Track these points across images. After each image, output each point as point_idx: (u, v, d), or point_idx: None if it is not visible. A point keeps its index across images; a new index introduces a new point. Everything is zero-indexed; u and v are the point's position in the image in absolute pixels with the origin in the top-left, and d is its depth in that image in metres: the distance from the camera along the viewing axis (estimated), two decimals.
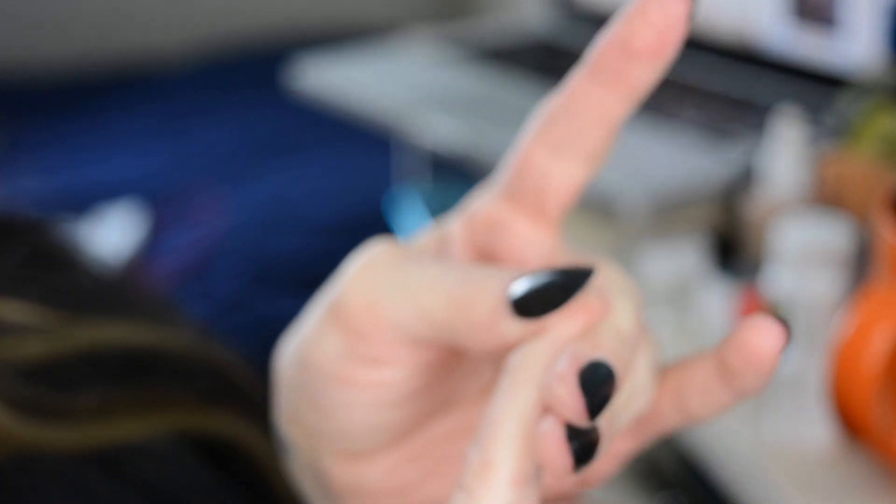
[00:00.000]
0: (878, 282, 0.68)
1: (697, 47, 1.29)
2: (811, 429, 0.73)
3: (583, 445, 0.26)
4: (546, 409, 0.27)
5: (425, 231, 0.33)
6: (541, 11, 1.55)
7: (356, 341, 0.30)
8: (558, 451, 0.26)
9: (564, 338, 0.28)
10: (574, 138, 0.31)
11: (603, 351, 0.27)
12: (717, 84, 1.23)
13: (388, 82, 1.28)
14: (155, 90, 2.03)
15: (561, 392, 0.26)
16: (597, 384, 0.26)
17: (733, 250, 0.95)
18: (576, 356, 0.26)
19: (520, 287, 0.28)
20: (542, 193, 0.30)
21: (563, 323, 0.28)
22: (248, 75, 2.05)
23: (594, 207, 0.99)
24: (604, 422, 0.27)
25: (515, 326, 0.28)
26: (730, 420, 0.79)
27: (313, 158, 1.70)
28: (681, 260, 0.94)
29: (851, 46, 1.11)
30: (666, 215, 0.98)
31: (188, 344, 0.46)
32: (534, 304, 0.28)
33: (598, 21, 1.40)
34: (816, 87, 1.14)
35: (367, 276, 0.30)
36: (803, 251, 0.73)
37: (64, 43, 2.17)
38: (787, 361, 0.74)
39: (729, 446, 0.77)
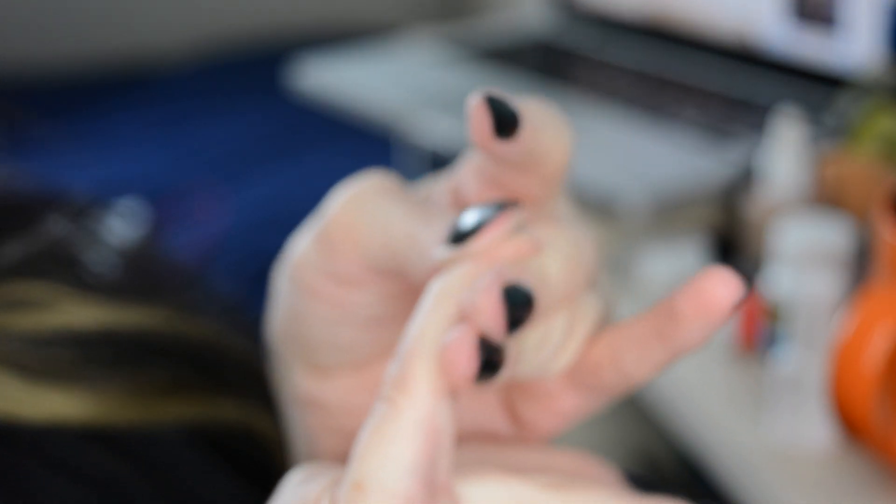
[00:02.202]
0: (878, 282, 0.68)
1: (697, 47, 1.29)
2: (811, 429, 0.73)
3: (487, 358, 0.27)
4: (461, 321, 0.27)
5: (427, 181, 0.34)
6: (541, 11, 1.55)
7: (332, 259, 0.31)
8: (465, 357, 0.26)
9: (488, 264, 0.29)
10: None
11: (526, 277, 0.28)
12: (717, 84, 1.23)
13: (388, 82, 1.28)
14: (155, 90, 2.03)
15: (481, 301, 0.27)
16: (514, 303, 0.27)
17: (733, 250, 0.95)
18: (500, 273, 0.27)
19: (459, 220, 0.29)
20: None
21: (490, 252, 0.29)
22: (249, 75, 2.05)
23: (594, 207, 0.99)
24: (511, 346, 0.27)
25: (447, 253, 0.29)
26: (730, 420, 0.79)
27: (313, 158, 1.70)
28: (681, 260, 0.94)
29: (851, 46, 1.11)
30: (666, 215, 0.98)
31: (203, 329, 0.46)
32: (466, 235, 0.29)
33: (598, 21, 1.40)
34: (816, 87, 1.14)
35: (355, 201, 0.31)
36: (803, 251, 0.73)
37: (64, 43, 2.17)
38: (788, 361, 0.74)
39: (729, 446, 0.77)
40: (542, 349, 0.30)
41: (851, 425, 0.68)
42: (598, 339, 0.31)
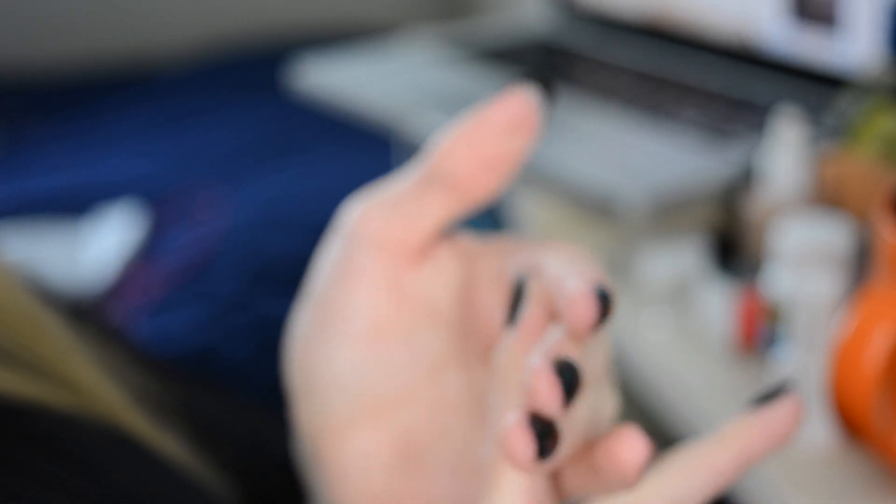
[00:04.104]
0: (878, 282, 0.68)
1: (697, 47, 1.29)
2: (811, 429, 0.73)
3: (543, 437, 0.28)
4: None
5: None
6: (541, 11, 1.55)
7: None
8: (523, 443, 0.28)
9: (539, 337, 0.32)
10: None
11: (573, 354, 0.30)
12: (717, 84, 1.23)
13: (388, 82, 1.28)
14: (155, 90, 2.03)
15: (536, 383, 0.29)
16: (564, 377, 0.29)
17: (733, 250, 0.95)
18: (548, 351, 0.29)
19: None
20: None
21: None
22: (249, 75, 2.05)
23: (594, 207, 0.99)
24: (565, 421, 0.29)
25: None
26: (730, 420, 0.78)
27: (313, 158, 1.70)
28: (681, 260, 0.94)
29: (851, 46, 1.11)
30: (666, 215, 0.98)
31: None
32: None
33: (598, 21, 1.40)
34: (816, 87, 1.14)
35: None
36: (803, 251, 0.73)
37: (64, 43, 2.17)
38: (788, 361, 0.74)
39: None
40: (591, 423, 0.32)
41: (851, 425, 0.68)
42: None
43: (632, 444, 0.30)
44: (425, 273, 0.35)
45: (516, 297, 0.33)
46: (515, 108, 0.33)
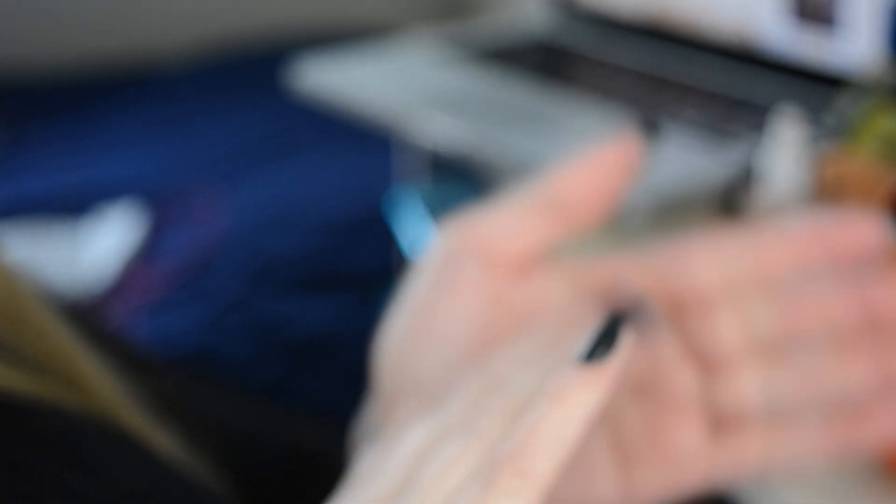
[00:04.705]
0: None
1: (697, 47, 1.29)
2: None
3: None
4: None
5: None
6: (541, 11, 1.55)
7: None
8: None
9: None
10: None
11: None
12: (717, 84, 1.23)
13: (388, 82, 1.28)
14: (155, 90, 2.03)
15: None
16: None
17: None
18: None
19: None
20: None
21: None
22: (249, 75, 2.05)
23: None
24: None
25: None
26: None
27: (313, 158, 1.70)
28: None
29: (851, 46, 1.11)
30: (666, 215, 0.98)
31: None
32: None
33: (598, 21, 1.40)
34: (816, 87, 1.14)
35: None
36: None
37: (64, 43, 2.17)
38: None
39: None
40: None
41: None
42: None
43: None
44: (529, 288, 0.37)
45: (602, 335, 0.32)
46: (627, 150, 0.38)
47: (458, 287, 0.36)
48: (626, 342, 0.31)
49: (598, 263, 0.38)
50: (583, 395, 0.30)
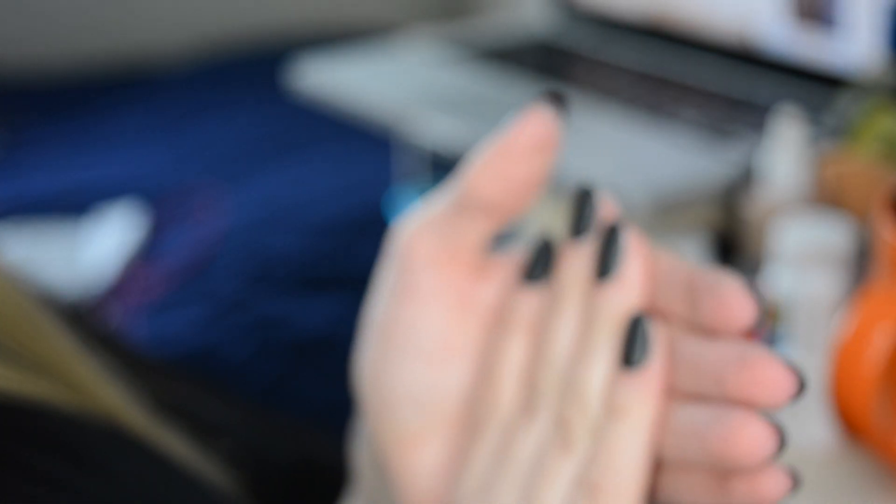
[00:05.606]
0: (878, 282, 0.68)
1: (697, 47, 1.29)
2: (811, 429, 0.73)
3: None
4: None
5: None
6: (541, 11, 1.55)
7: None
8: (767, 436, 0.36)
9: None
10: None
11: None
12: (717, 84, 1.23)
13: (388, 82, 1.28)
14: (155, 90, 2.03)
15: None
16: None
17: (733, 250, 0.95)
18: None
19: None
20: None
21: None
22: (248, 75, 2.04)
23: None
24: None
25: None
26: None
27: (313, 158, 1.70)
28: None
29: (851, 46, 1.11)
30: (666, 215, 0.98)
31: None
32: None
33: (598, 21, 1.40)
34: (816, 87, 1.14)
35: None
36: (803, 251, 0.73)
37: (64, 43, 2.17)
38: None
39: None
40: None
41: (851, 425, 0.68)
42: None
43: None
44: (489, 286, 0.36)
45: (580, 206, 0.35)
46: (535, 129, 0.35)
47: (418, 295, 0.36)
48: (660, 341, 0.33)
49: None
50: (641, 406, 0.32)
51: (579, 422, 0.33)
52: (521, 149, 0.35)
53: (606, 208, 0.35)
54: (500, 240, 0.38)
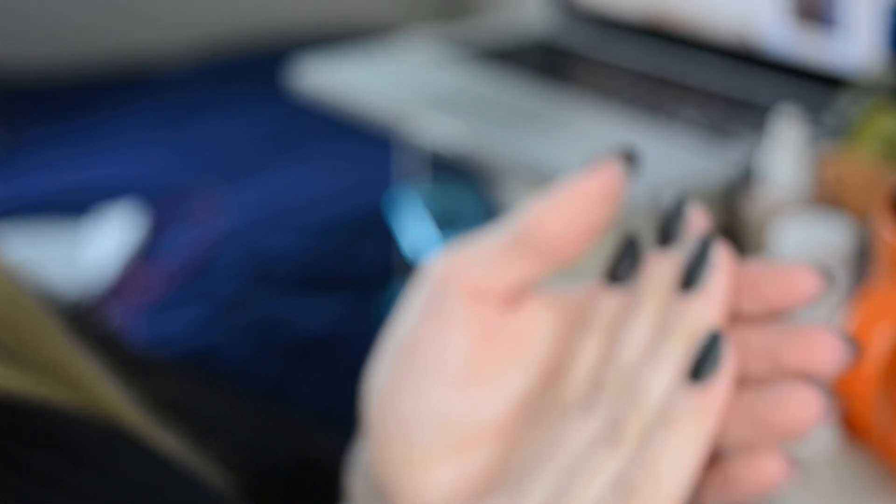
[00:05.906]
0: (878, 282, 0.68)
1: (697, 47, 1.29)
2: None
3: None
4: None
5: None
6: (541, 11, 1.55)
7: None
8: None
9: None
10: None
11: None
12: (717, 84, 1.23)
13: (388, 82, 1.28)
14: (155, 90, 2.03)
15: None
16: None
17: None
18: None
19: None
20: None
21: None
22: (248, 75, 2.04)
23: None
24: None
25: None
26: None
27: (313, 158, 1.70)
28: None
29: (851, 46, 1.11)
30: None
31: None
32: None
33: (598, 21, 1.40)
34: (816, 87, 1.14)
35: None
36: (803, 251, 0.73)
37: (64, 43, 2.17)
38: None
39: None
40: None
41: (851, 425, 0.68)
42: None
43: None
44: (517, 320, 0.37)
45: (672, 216, 0.37)
46: (606, 179, 0.36)
47: (446, 322, 0.36)
48: (731, 362, 0.34)
49: (585, 290, 0.38)
50: (697, 420, 0.33)
51: (633, 423, 0.33)
52: (589, 196, 0.36)
53: (698, 220, 0.36)
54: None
